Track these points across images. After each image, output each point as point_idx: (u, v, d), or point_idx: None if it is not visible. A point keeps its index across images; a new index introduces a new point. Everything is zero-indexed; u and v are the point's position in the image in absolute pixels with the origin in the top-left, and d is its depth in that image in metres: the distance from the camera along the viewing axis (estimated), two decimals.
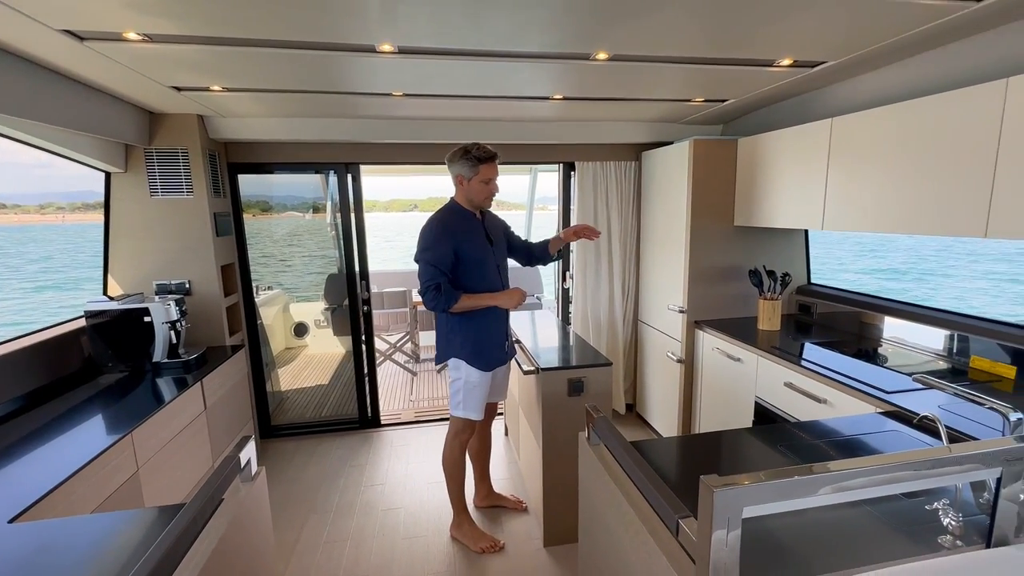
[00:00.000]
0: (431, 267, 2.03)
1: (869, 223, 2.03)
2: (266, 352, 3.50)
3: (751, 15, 1.51)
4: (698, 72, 2.09)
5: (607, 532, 1.26)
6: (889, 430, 1.56)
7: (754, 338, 2.51)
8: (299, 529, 2.45)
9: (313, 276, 3.84)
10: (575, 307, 3.53)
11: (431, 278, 2.03)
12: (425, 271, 2.04)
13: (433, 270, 2.03)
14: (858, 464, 0.81)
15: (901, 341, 2.33)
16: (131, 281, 2.68)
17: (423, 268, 2.05)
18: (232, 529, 1.08)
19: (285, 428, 3.49)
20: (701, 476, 0.80)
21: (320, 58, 1.79)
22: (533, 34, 1.64)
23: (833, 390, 1.93)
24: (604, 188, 3.37)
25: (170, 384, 2.23)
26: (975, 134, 1.61)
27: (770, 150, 2.55)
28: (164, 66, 1.86)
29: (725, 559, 0.79)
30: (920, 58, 1.93)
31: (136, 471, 1.78)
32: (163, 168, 2.60)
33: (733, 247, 2.89)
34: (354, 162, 3.17)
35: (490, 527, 2.45)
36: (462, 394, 2.20)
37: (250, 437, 1.27)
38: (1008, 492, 0.89)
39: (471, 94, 2.39)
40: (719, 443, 1.58)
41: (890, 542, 1.01)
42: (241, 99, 2.37)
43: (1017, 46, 1.64)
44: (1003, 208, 1.55)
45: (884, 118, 1.93)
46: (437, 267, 2.03)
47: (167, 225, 2.66)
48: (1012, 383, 1.84)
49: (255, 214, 3.38)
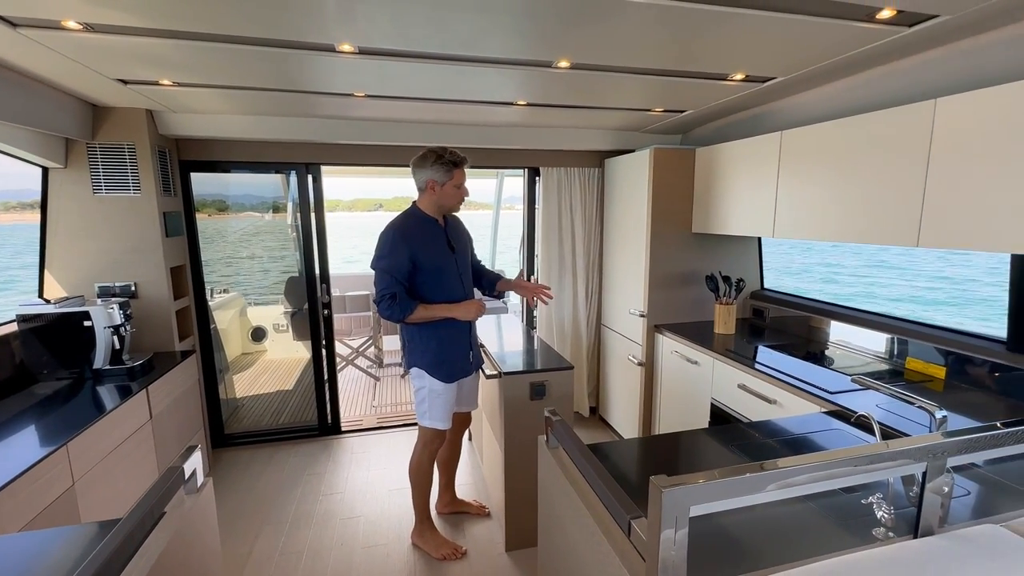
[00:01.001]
0: (387, 275, 1.99)
1: (815, 232, 2.14)
2: (220, 358, 3.36)
3: (705, 30, 1.57)
4: (656, 83, 2.15)
5: (564, 535, 1.28)
6: (832, 428, 1.64)
7: (710, 341, 2.59)
8: (252, 542, 2.36)
9: (273, 278, 3.72)
10: (539, 311, 3.55)
11: (387, 287, 1.98)
12: (381, 279, 2.00)
13: (389, 279, 1.98)
14: (797, 462, 0.85)
15: (847, 344, 2.45)
16: (71, 283, 2.53)
17: (379, 276, 2.01)
18: (175, 544, 1.03)
19: (240, 436, 3.36)
20: (651, 477, 0.82)
21: (277, 55, 1.75)
22: (495, 39, 1.65)
23: (782, 391, 2.01)
24: (568, 194, 3.41)
25: (113, 392, 2.11)
26: (908, 150, 1.72)
27: (725, 160, 2.65)
28: (108, 58, 1.77)
29: (673, 557, 0.81)
30: (861, 76, 2.05)
31: (72, 485, 1.67)
32: (108, 165, 2.47)
33: (691, 253, 2.98)
34: (315, 162, 3.09)
35: (452, 533, 2.42)
36: (427, 403, 2.15)
37: (196, 447, 1.22)
38: (933, 485, 0.95)
39: (434, 97, 2.37)
40: (676, 444, 1.62)
41: (831, 535, 1.06)
42: (193, 94, 2.28)
43: (945, 69, 1.77)
44: (933, 219, 1.66)
45: (828, 132, 2.04)
46: (393, 275, 1.98)
47: (111, 224, 2.52)
48: (942, 383, 1.97)
49: (210, 213, 3.25)
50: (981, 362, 1.89)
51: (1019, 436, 0.99)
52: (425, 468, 2.25)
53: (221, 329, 3.58)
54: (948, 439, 0.94)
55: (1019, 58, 1.57)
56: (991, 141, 1.49)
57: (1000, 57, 1.61)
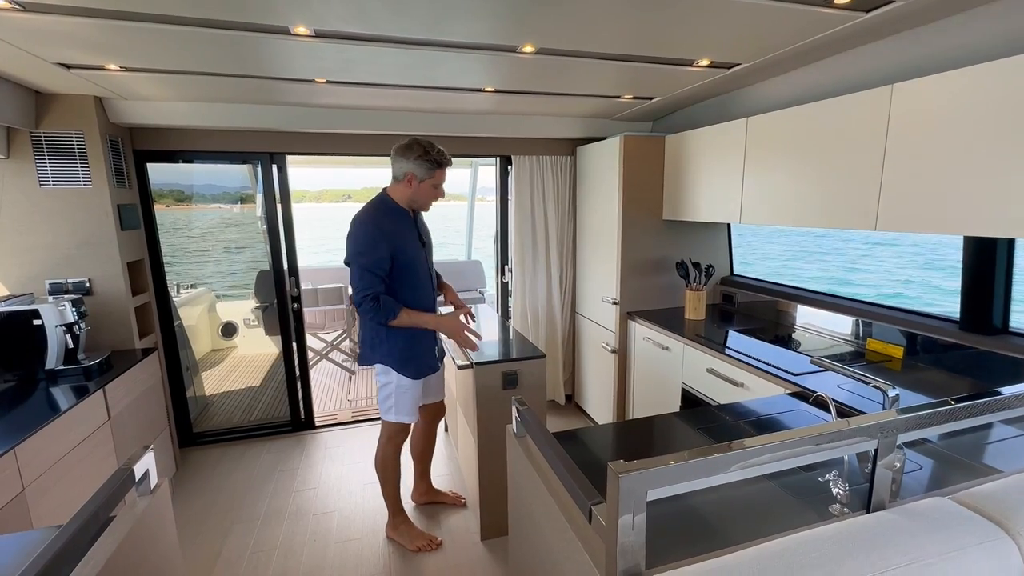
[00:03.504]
0: (368, 273, 1.89)
1: (779, 217, 2.17)
2: (187, 355, 3.26)
3: (669, 11, 1.56)
4: (623, 69, 2.14)
5: (533, 522, 1.28)
6: (795, 409, 1.68)
7: (681, 327, 2.62)
8: (222, 540, 2.31)
9: (242, 272, 3.61)
10: (514, 301, 3.55)
11: (368, 286, 1.89)
12: (361, 278, 1.90)
13: (370, 277, 1.89)
14: (750, 444, 0.85)
15: (813, 327, 2.51)
16: (17, 280, 2.40)
17: (358, 274, 1.90)
18: (127, 548, 0.99)
19: (209, 435, 3.28)
20: (609, 463, 0.81)
21: (227, 38, 1.67)
22: (457, 22, 1.61)
23: (749, 374, 2.05)
24: (541, 182, 3.39)
25: (67, 393, 2.02)
26: (866, 135, 1.76)
27: (694, 147, 2.66)
28: (45, 40, 1.67)
29: (632, 542, 0.82)
30: (823, 63, 2.07)
31: (22, 490, 1.60)
32: (54, 155, 2.34)
33: (662, 240, 3.00)
34: (279, 152, 3.00)
35: (428, 524, 2.42)
36: (393, 399, 2.11)
37: (149, 446, 1.17)
38: (884, 461, 0.98)
39: (400, 83, 2.32)
40: (647, 428, 1.63)
41: (791, 513, 1.09)
42: (144, 80, 2.17)
43: (902, 55, 1.80)
44: (890, 203, 1.70)
45: (790, 119, 2.07)
46: (374, 273, 1.89)
47: (61, 218, 2.40)
48: (900, 362, 2.03)
49: (168, 204, 3.13)
50: (936, 342, 1.95)
51: (967, 411, 1.02)
52: (391, 462, 2.22)
53: (189, 326, 3.47)
54: (898, 416, 0.96)
55: (972, 44, 1.60)
56: (946, 126, 1.53)
57: (955, 43, 1.65)
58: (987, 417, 1.06)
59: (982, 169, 1.45)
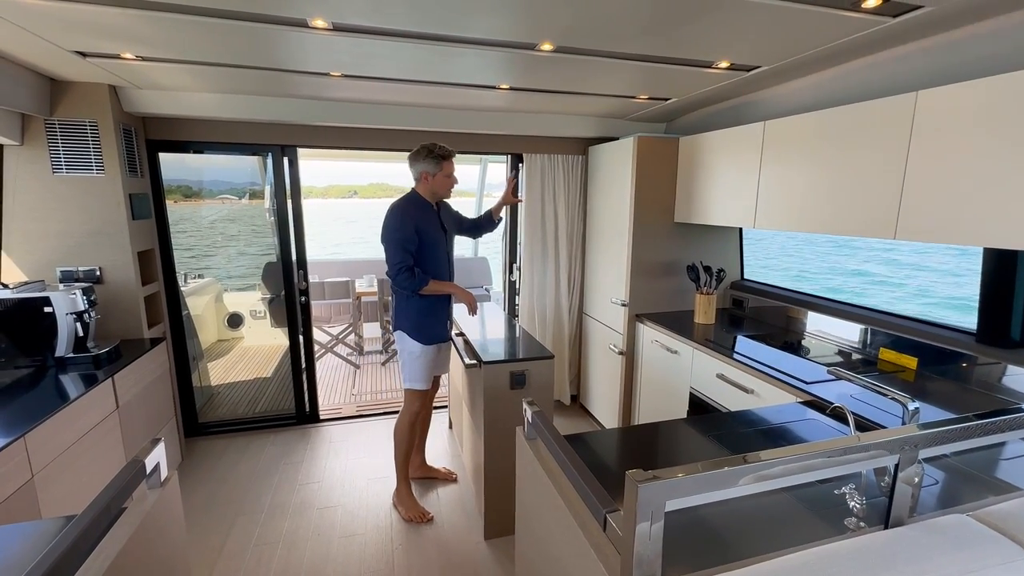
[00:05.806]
0: (400, 248, 2.21)
1: (795, 223, 2.15)
2: (194, 345, 3.27)
3: (690, 13, 1.53)
4: (641, 69, 2.11)
5: (542, 525, 1.27)
6: (808, 419, 1.66)
7: (690, 331, 2.60)
8: (226, 532, 2.32)
9: (250, 263, 3.61)
10: (522, 300, 3.53)
11: (402, 260, 2.22)
12: (396, 253, 2.22)
13: (403, 252, 2.22)
14: (772, 456, 0.84)
15: (823, 334, 2.49)
16: (31, 267, 2.41)
17: (394, 250, 2.22)
18: (137, 540, 0.99)
19: (215, 425, 3.29)
20: (627, 471, 0.80)
21: (246, 30, 1.66)
22: (477, 18, 1.59)
23: (760, 381, 2.03)
24: (552, 181, 3.37)
25: (76, 381, 2.03)
26: (888, 142, 1.73)
27: (708, 149, 2.63)
28: (64, 28, 1.66)
29: (648, 552, 0.80)
30: (845, 67, 2.04)
31: (31, 478, 1.60)
32: (68, 142, 2.34)
33: (673, 243, 2.98)
34: (291, 144, 2.99)
35: (424, 497, 2.61)
36: (408, 366, 2.40)
37: (159, 439, 1.17)
38: (904, 476, 0.96)
39: (414, 79, 2.30)
40: (656, 434, 1.62)
41: (806, 526, 1.07)
42: (159, 69, 2.17)
43: (927, 61, 1.77)
44: (910, 212, 1.67)
45: (810, 123, 2.04)
46: (406, 248, 2.22)
47: (73, 206, 2.40)
48: (914, 373, 2.00)
49: (176, 199, 3.12)
50: (952, 353, 1.93)
51: (990, 427, 1.00)
52: (404, 429, 2.45)
53: (196, 315, 3.48)
54: (921, 431, 0.94)
55: (1001, 52, 1.57)
56: (970, 135, 1.50)
57: (982, 50, 1.62)
58: (1010, 435, 1.04)
59: (1006, 180, 1.42)
